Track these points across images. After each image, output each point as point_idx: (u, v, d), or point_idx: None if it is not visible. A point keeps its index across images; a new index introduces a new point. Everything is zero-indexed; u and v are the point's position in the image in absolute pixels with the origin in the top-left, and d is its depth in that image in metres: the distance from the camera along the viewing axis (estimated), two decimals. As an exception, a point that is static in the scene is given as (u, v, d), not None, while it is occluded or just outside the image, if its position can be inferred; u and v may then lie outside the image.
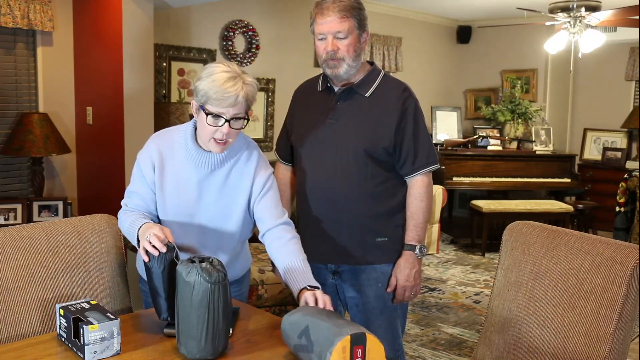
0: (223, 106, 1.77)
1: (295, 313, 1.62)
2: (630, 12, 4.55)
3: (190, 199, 1.93)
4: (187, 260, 1.61)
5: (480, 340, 2.10)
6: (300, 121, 2.20)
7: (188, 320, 1.56)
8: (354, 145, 2.06)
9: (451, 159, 6.22)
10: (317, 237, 2.14)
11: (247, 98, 1.80)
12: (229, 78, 1.76)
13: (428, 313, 4.28)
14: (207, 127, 1.81)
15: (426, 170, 2.11)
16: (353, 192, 2.08)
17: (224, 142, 1.84)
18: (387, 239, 2.12)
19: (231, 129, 1.81)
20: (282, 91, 5.41)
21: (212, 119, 1.79)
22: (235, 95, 1.76)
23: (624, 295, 1.74)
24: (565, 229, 2.04)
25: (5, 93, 3.98)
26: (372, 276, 2.12)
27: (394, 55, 6.59)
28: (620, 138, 6.78)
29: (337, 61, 2.02)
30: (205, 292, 1.54)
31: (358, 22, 2.03)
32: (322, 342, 1.46)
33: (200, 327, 1.55)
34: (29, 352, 1.61)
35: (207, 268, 1.57)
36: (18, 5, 3.81)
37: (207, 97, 1.78)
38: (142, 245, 1.74)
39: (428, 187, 2.13)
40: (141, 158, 1.96)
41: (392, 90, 2.11)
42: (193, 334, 1.55)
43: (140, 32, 3.87)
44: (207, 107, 1.80)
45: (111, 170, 3.97)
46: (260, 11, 5.36)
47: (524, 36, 6.77)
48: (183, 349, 1.59)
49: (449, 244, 6.35)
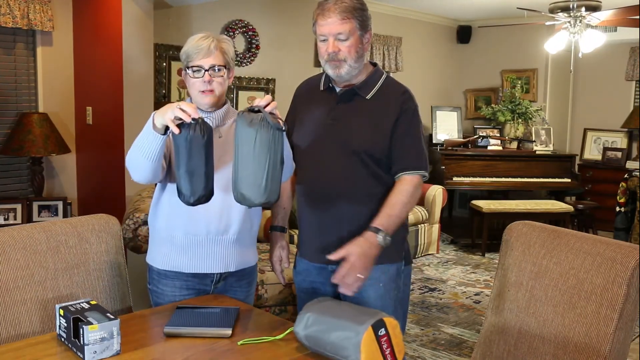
0: (200, 58, 1.97)
1: (306, 329, 1.65)
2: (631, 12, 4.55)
3: None
4: (246, 110, 1.74)
5: (481, 340, 2.10)
6: (300, 119, 2.20)
7: (249, 167, 1.70)
8: (354, 147, 2.06)
9: (451, 159, 6.22)
10: (317, 237, 2.14)
11: (222, 50, 2.00)
12: (202, 36, 2.00)
13: (428, 313, 4.28)
14: (192, 82, 2.00)
15: (415, 173, 2.05)
16: (353, 192, 2.07)
17: (210, 91, 2.00)
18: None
19: (212, 77, 1.98)
20: (282, 91, 5.41)
21: (193, 72, 1.99)
22: (208, 46, 1.97)
23: (624, 295, 1.74)
24: (565, 229, 2.04)
25: (5, 93, 3.98)
26: (372, 276, 2.11)
27: (394, 55, 6.59)
28: (621, 138, 6.78)
29: (339, 62, 2.02)
30: (267, 138, 1.69)
31: (360, 23, 2.01)
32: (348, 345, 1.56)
33: (262, 173, 1.70)
34: (28, 352, 1.61)
35: (268, 117, 1.70)
36: (18, 5, 3.81)
37: (187, 55, 2.00)
38: (170, 116, 1.72)
39: (414, 188, 2.04)
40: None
41: (393, 93, 2.10)
42: (254, 181, 1.70)
43: (140, 31, 3.87)
44: (189, 64, 2.00)
45: (111, 170, 3.96)
46: (260, 11, 5.36)
47: (524, 36, 6.77)
48: (242, 196, 1.74)
49: (449, 244, 6.35)
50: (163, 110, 1.78)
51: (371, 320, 1.56)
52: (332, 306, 1.71)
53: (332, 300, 1.77)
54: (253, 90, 5.39)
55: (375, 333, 1.54)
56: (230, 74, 2.05)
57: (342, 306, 1.72)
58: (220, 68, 1.99)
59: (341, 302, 1.78)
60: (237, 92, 5.26)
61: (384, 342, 1.55)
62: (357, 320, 1.58)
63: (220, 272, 2.06)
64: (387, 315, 1.62)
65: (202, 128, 1.73)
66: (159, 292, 2.08)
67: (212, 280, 2.07)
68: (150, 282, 2.12)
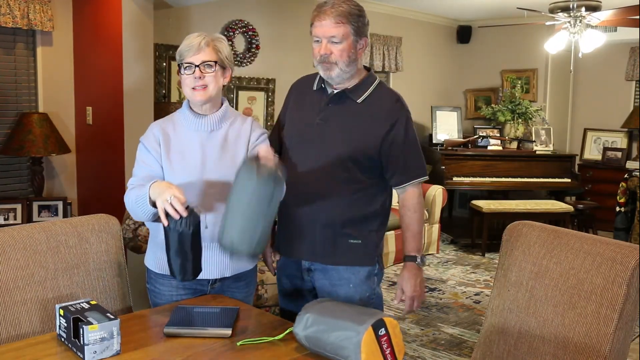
0: (190, 55, 1.98)
1: (306, 329, 1.65)
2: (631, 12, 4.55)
3: (196, 162, 2.01)
4: (252, 158, 1.80)
5: (481, 340, 2.10)
6: (291, 116, 2.22)
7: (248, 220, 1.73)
8: (339, 149, 2.07)
9: (451, 159, 6.22)
10: (292, 233, 2.17)
11: (214, 47, 2.00)
12: (194, 35, 2.02)
13: (428, 313, 4.28)
14: (185, 78, 2.00)
15: (416, 182, 2.14)
16: (331, 194, 2.09)
17: (202, 87, 1.99)
18: (360, 241, 2.13)
19: (203, 73, 1.98)
20: (282, 91, 5.39)
21: (184, 69, 2.00)
22: (198, 42, 1.98)
23: (624, 295, 1.74)
24: (565, 229, 2.04)
25: (5, 93, 3.98)
26: (343, 276, 2.14)
27: (394, 55, 6.59)
28: (621, 138, 6.78)
29: (330, 65, 2.04)
30: (270, 193, 1.75)
31: (355, 28, 2.03)
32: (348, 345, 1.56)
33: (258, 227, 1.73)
34: (28, 353, 1.61)
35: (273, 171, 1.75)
36: (18, 5, 3.81)
37: (180, 53, 2.01)
38: (160, 206, 1.75)
39: (419, 198, 2.16)
40: (145, 138, 2.05)
41: (385, 100, 2.12)
42: (249, 235, 1.72)
43: (140, 31, 3.86)
44: (182, 63, 2.01)
45: (111, 170, 3.96)
46: (260, 11, 5.36)
47: (524, 36, 6.77)
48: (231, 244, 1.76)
49: (449, 244, 6.34)
50: (158, 191, 1.79)
51: (371, 320, 1.56)
52: (331, 306, 1.71)
53: (332, 301, 1.78)
54: (253, 90, 5.39)
55: (376, 333, 1.54)
56: (226, 73, 2.05)
57: (341, 306, 1.72)
58: (212, 64, 1.98)
59: (341, 303, 1.79)
60: (237, 92, 5.26)
61: (384, 342, 1.55)
62: (357, 320, 1.58)
63: (215, 277, 2.07)
64: (387, 315, 1.62)
65: (189, 222, 1.73)
66: (157, 292, 2.09)
67: (209, 282, 2.08)
68: (149, 281, 2.13)
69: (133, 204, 1.90)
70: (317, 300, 1.79)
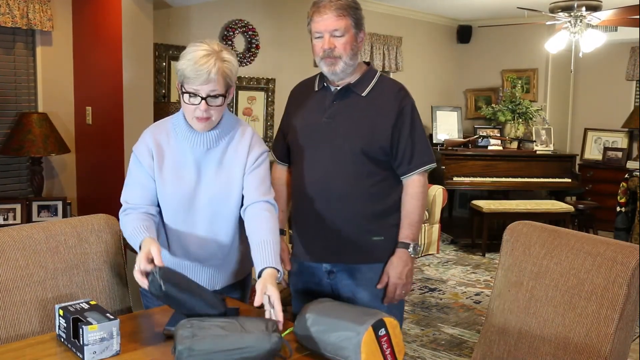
0: (197, 84, 1.79)
1: (306, 329, 1.65)
2: (631, 11, 4.55)
3: (190, 180, 1.93)
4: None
5: (481, 340, 2.10)
6: (296, 121, 2.20)
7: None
8: (351, 144, 2.06)
9: (451, 159, 6.22)
10: (312, 236, 2.15)
11: (224, 74, 1.81)
12: (204, 56, 1.78)
13: (428, 313, 4.28)
14: (187, 106, 1.84)
15: (422, 170, 2.11)
16: (349, 191, 2.08)
17: (206, 119, 1.85)
18: (382, 238, 2.12)
19: (209, 106, 1.82)
20: (282, 91, 5.41)
21: (189, 97, 1.82)
22: (208, 71, 1.77)
23: (624, 295, 1.73)
24: (565, 229, 2.03)
25: (4, 93, 3.97)
26: (367, 276, 2.12)
27: (394, 55, 6.58)
28: (621, 138, 6.78)
29: (334, 59, 2.03)
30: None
31: (355, 21, 2.04)
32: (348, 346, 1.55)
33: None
34: (28, 353, 1.61)
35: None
36: (17, 5, 3.80)
37: (184, 76, 1.81)
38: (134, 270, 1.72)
39: (424, 187, 2.13)
40: (137, 149, 1.96)
41: (389, 90, 2.12)
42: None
43: (140, 31, 3.86)
44: (184, 86, 1.82)
45: (110, 170, 3.96)
46: (260, 11, 5.36)
47: (525, 36, 6.77)
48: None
49: (449, 244, 6.34)
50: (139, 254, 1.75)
51: (371, 320, 1.56)
52: (331, 307, 1.70)
53: (332, 301, 1.78)
54: (253, 90, 5.39)
55: (376, 333, 1.54)
56: (230, 92, 1.89)
57: (342, 306, 1.72)
58: (219, 96, 1.83)
59: (341, 303, 1.79)
60: (237, 92, 5.26)
61: (384, 342, 1.55)
62: (357, 320, 1.58)
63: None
64: (387, 315, 1.62)
65: (159, 284, 1.64)
66: (149, 296, 2.02)
67: None
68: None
69: (128, 238, 1.88)
70: (318, 300, 1.78)
